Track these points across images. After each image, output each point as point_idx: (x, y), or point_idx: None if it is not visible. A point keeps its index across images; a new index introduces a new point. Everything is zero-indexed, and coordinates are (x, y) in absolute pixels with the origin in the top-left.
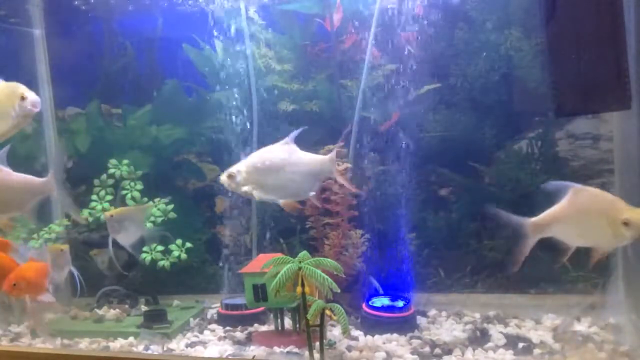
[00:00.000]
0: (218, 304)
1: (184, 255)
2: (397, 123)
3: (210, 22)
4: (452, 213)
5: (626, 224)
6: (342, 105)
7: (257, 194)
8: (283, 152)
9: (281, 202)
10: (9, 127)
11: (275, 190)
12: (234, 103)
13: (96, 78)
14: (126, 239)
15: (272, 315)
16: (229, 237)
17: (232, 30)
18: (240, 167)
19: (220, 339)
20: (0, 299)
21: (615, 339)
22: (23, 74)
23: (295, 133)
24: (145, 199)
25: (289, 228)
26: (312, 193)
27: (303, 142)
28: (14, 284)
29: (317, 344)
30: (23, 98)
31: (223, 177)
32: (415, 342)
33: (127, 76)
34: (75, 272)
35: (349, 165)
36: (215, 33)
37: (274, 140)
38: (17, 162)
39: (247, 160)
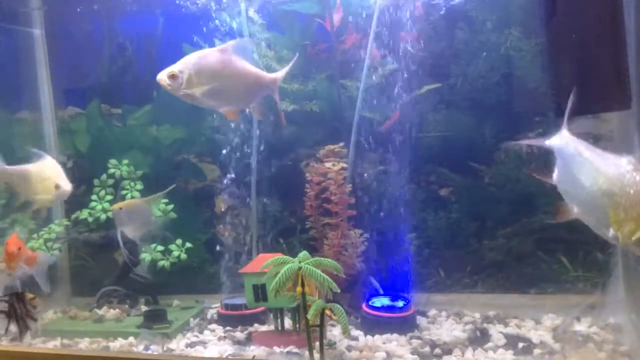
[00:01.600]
0: (218, 304)
1: (184, 255)
2: (397, 123)
3: (210, 22)
4: (452, 213)
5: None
6: (342, 105)
7: (201, 96)
8: (222, 56)
9: (222, 110)
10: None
11: (215, 96)
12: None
13: (96, 78)
14: (134, 231)
15: (272, 315)
16: (229, 237)
17: (233, 30)
18: (181, 67)
19: (220, 339)
20: None
21: (615, 339)
22: (23, 74)
23: (233, 42)
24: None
25: (289, 228)
26: (252, 105)
27: (303, 142)
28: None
29: (317, 344)
30: (57, 187)
31: (162, 77)
32: (415, 342)
33: (127, 76)
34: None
35: (345, 165)
36: (216, 33)
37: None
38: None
39: (187, 60)
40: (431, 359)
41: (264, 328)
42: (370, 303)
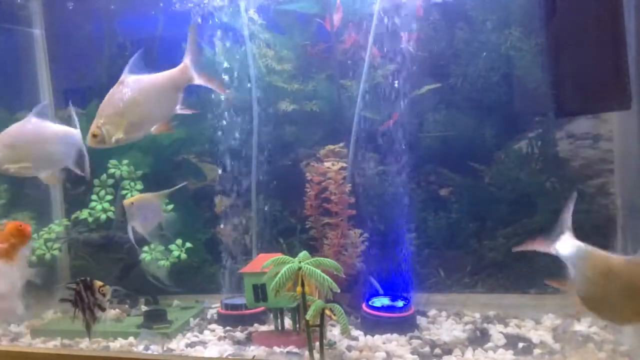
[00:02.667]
0: (218, 304)
1: (184, 255)
2: (397, 123)
3: (210, 22)
4: (452, 213)
5: None
6: (342, 105)
7: (129, 136)
8: (128, 86)
9: (155, 131)
10: None
11: (142, 125)
12: (234, 103)
13: (96, 78)
14: (144, 227)
15: (272, 315)
16: (229, 237)
17: (233, 30)
18: (99, 122)
19: (220, 339)
20: None
21: (615, 339)
22: (23, 74)
23: (131, 62)
24: None
25: (289, 228)
26: (178, 106)
27: (303, 142)
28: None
29: (317, 344)
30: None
31: (89, 140)
32: (415, 342)
33: None
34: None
35: (345, 164)
36: (215, 33)
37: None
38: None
39: (100, 111)
40: (431, 359)
41: (264, 328)
42: (370, 303)
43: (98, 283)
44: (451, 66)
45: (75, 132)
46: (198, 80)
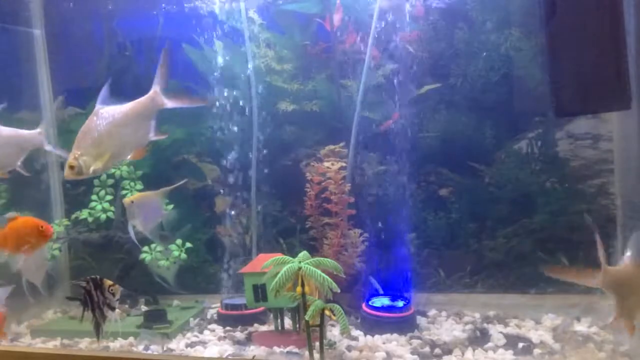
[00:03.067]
0: (218, 304)
1: (184, 255)
2: (397, 123)
3: (210, 22)
4: (452, 213)
5: None
6: (342, 105)
7: (105, 166)
8: (102, 117)
9: (129, 157)
10: None
11: (117, 154)
12: (234, 103)
13: (96, 78)
14: (145, 225)
15: (272, 315)
16: (229, 237)
17: (232, 30)
18: (76, 153)
19: (220, 339)
20: None
21: (615, 339)
22: (23, 74)
23: (101, 94)
24: None
25: (289, 228)
26: (151, 133)
27: (303, 142)
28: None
29: (317, 344)
30: None
31: (66, 172)
32: (415, 342)
33: (127, 76)
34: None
35: (344, 164)
36: (216, 33)
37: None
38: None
39: (77, 143)
40: (431, 359)
41: (264, 328)
42: (370, 303)
43: (108, 282)
44: (451, 66)
45: (27, 133)
46: (170, 105)
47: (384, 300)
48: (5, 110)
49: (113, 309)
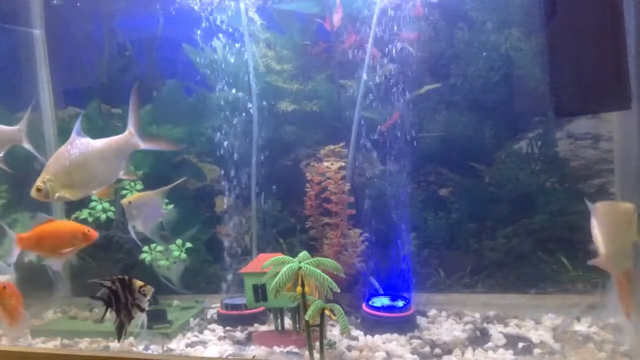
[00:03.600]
0: (218, 304)
1: (184, 255)
2: (397, 123)
3: (210, 22)
4: (452, 213)
5: None
6: (342, 105)
7: (72, 195)
8: (76, 148)
9: (95, 192)
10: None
11: (85, 186)
12: (234, 103)
13: (96, 78)
14: (145, 225)
15: (272, 315)
16: (229, 237)
17: (232, 30)
18: (45, 177)
19: (220, 339)
20: None
21: (615, 339)
22: (23, 74)
23: (77, 125)
24: None
25: (289, 228)
26: (122, 172)
27: (303, 142)
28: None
29: (317, 343)
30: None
31: (33, 192)
32: (415, 342)
33: (127, 76)
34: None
35: (344, 164)
36: (215, 33)
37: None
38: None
39: (48, 167)
40: (431, 359)
41: (264, 328)
42: (370, 303)
43: (138, 282)
44: (451, 66)
45: (6, 129)
46: (145, 146)
47: (384, 300)
48: (6, 110)
49: (143, 310)
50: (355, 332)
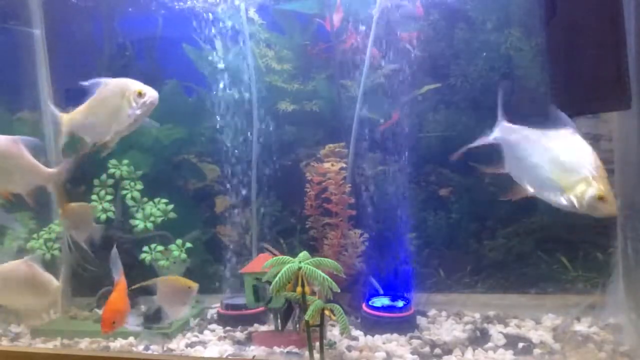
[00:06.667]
0: (218, 304)
1: (184, 255)
2: (397, 123)
3: (210, 22)
4: (452, 213)
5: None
6: (342, 105)
7: None
8: None
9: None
10: (127, 125)
11: None
12: (234, 103)
13: (96, 78)
14: (78, 235)
15: (272, 315)
16: (229, 237)
17: (232, 30)
18: None
19: (220, 339)
20: None
21: (615, 339)
22: (23, 74)
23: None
24: (145, 199)
25: (289, 228)
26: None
27: (303, 142)
28: (114, 323)
29: (317, 344)
30: (140, 94)
31: None
32: (415, 342)
33: (127, 76)
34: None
35: (344, 164)
36: (215, 33)
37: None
38: None
39: None
40: (431, 359)
41: (264, 328)
42: (370, 303)
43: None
44: (451, 66)
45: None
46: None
47: (384, 300)
48: (5, 110)
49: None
50: (355, 332)
